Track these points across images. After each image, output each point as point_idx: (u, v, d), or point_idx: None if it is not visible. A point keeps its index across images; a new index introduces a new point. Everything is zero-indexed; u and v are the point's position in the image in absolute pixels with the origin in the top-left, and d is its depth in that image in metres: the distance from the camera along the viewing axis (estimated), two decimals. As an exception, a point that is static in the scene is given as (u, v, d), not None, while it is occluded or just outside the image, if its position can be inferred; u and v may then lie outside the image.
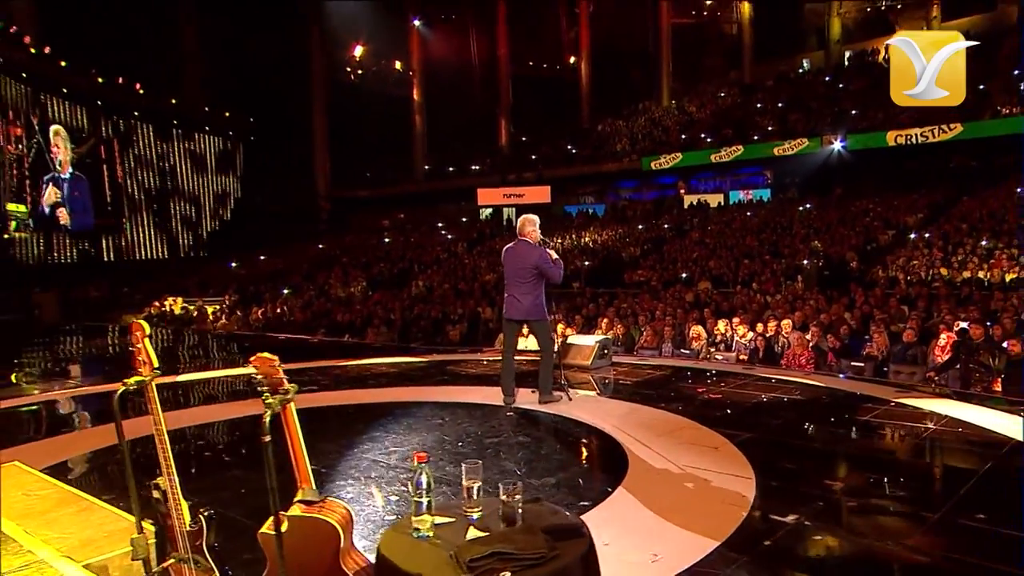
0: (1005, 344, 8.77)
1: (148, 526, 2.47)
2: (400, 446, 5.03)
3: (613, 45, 39.62)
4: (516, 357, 6.45)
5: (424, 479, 2.06)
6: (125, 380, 2.34)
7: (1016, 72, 25.88)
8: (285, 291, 19.43)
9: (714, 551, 3.17)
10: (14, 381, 9.39)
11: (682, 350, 11.00)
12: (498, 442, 5.10)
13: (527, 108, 38.70)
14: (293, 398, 2.19)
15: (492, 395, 6.33)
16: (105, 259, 28.23)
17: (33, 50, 25.59)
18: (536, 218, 6.31)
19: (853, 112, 28.60)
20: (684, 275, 19.21)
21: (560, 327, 11.91)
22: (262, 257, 27.99)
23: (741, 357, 10.49)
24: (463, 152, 37.29)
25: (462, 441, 5.14)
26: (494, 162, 36.67)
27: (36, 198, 25.45)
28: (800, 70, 39.24)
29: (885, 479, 4.23)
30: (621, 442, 4.99)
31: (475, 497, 2.16)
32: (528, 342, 11.60)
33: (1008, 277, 14.90)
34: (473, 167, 36.65)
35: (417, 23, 38.07)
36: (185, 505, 2.32)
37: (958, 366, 8.41)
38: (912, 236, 19.51)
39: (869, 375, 9.22)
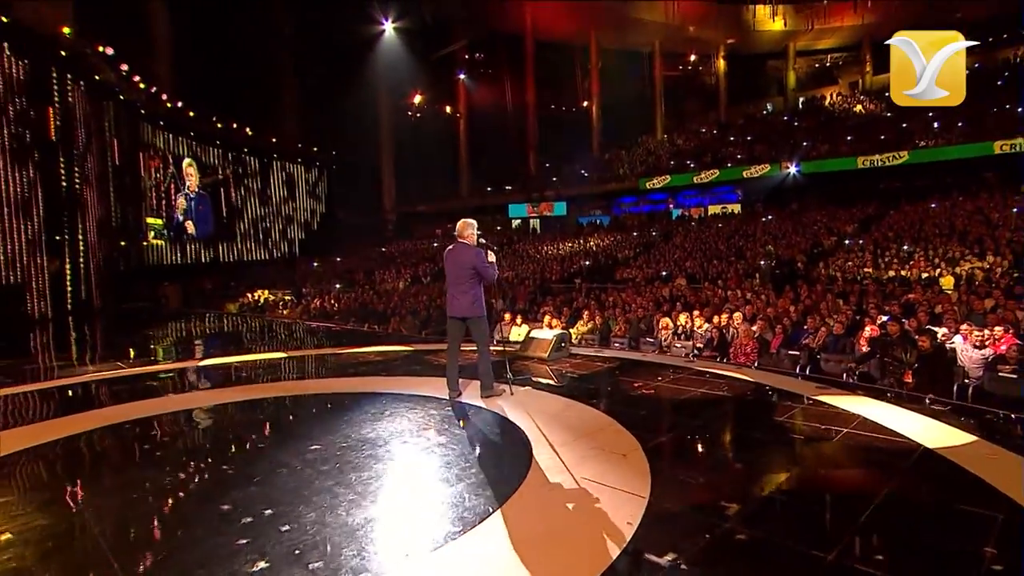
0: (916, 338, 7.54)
1: None
2: (322, 444, 3.95)
3: (617, 92, 38.37)
4: (494, 347, 5.35)
5: None
6: None
7: (931, 114, 25.93)
8: (337, 286, 18.71)
9: (558, 615, 2.04)
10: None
11: (648, 339, 9.74)
12: (416, 443, 3.97)
13: (549, 141, 37.58)
14: None
15: (444, 387, 5.20)
16: (221, 260, 28.06)
17: (169, 104, 25.47)
18: (474, 222, 5.18)
19: (805, 144, 28.16)
20: (664, 273, 17.87)
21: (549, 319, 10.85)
22: (337, 259, 27.50)
23: (698, 345, 9.20)
24: (499, 176, 36.38)
25: (383, 439, 4.03)
26: (523, 183, 35.64)
27: (170, 214, 25.32)
28: (764, 112, 38.80)
29: (783, 500, 3.01)
30: (534, 446, 3.82)
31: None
32: (517, 336, 10.52)
33: (924, 275, 13.81)
34: (506, 187, 35.64)
35: (462, 77, 37.43)
36: None
37: (875, 358, 7.09)
38: (847, 242, 18.35)
39: (804, 363, 7.87)
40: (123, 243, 21.07)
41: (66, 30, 18.67)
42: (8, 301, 13.83)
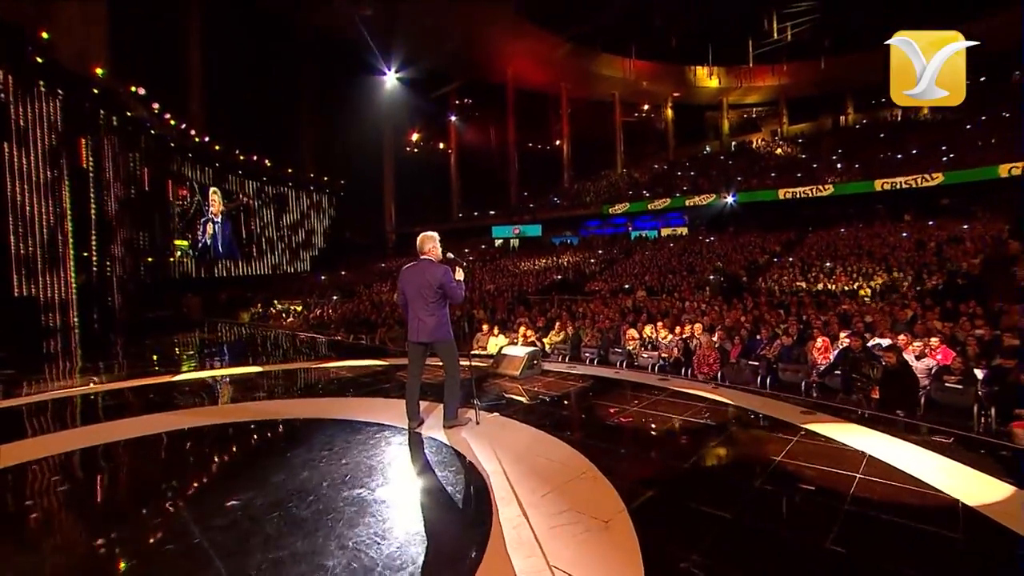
0: (876, 345, 6.50)
1: None
2: (242, 498, 2.65)
3: (585, 133, 37.67)
4: (463, 363, 4.00)
5: None
6: None
7: (834, 157, 27.08)
8: (335, 297, 17.16)
9: None
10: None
11: (617, 349, 8.53)
12: (354, 498, 2.66)
13: (528, 173, 36.53)
14: None
15: (405, 413, 3.89)
16: (241, 275, 26.13)
17: (197, 139, 23.91)
18: (435, 235, 3.87)
19: (739, 179, 28.08)
20: (627, 286, 16.76)
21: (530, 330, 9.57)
22: (343, 272, 25.86)
23: (663, 355, 8.02)
24: (484, 202, 35.15)
25: (316, 491, 2.73)
26: (505, 209, 34.49)
27: (194, 236, 23.56)
28: (704, 152, 38.68)
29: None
30: (497, 503, 2.57)
31: None
32: (494, 346, 9.19)
33: (846, 288, 13.30)
34: (491, 212, 34.37)
35: (453, 118, 36.25)
36: None
37: (838, 371, 5.99)
38: (776, 260, 17.67)
39: (764, 373, 6.75)
40: (150, 259, 19.38)
41: (99, 71, 17.15)
42: (24, 313, 12.15)
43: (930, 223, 18.90)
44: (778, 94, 37.96)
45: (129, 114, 18.79)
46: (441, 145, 37.25)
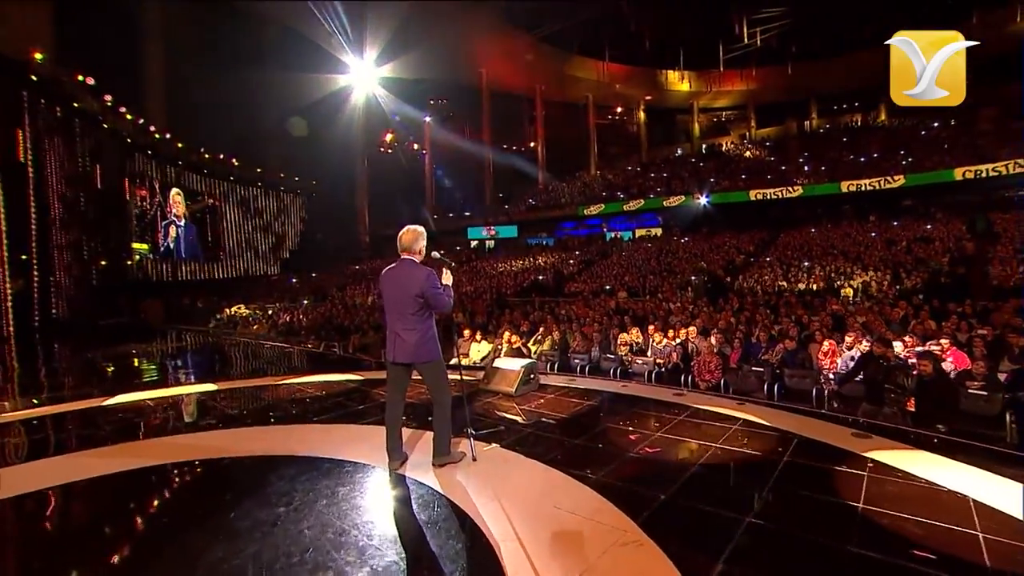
0: (911, 359, 5.96)
1: None
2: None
3: (559, 135, 37.12)
4: (451, 376, 3.17)
5: None
6: None
7: (801, 160, 27.32)
8: (305, 301, 15.99)
9: None
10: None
11: (608, 354, 7.86)
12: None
13: (502, 174, 35.76)
14: None
15: (384, 447, 3.06)
16: (206, 277, 24.35)
17: (157, 136, 22.19)
18: (422, 230, 3.10)
19: (711, 180, 28.01)
20: (607, 287, 16.23)
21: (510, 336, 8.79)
22: (313, 275, 24.49)
23: (659, 361, 7.40)
24: (459, 203, 34.24)
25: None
26: (480, 210, 33.67)
27: (155, 239, 21.79)
28: (676, 154, 38.56)
29: None
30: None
31: None
32: (477, 352, 8.40)
33: (830, 287, 12.96)
34: (465, 213, 33.46)
35: (428, 119, 35.20)
36: None
37: (859, 378, 5.45)
38: (753, 260, 17.43)
39: (769, 380, 6.21)
40: (103, 263, 17.72)
41: (38, 56, 15.51)
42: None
43: (894, 223, 19.22)
44: (747, 99, 38.56)
45: (76, 105, 17.17)
46: (416, 146, 36.16)
